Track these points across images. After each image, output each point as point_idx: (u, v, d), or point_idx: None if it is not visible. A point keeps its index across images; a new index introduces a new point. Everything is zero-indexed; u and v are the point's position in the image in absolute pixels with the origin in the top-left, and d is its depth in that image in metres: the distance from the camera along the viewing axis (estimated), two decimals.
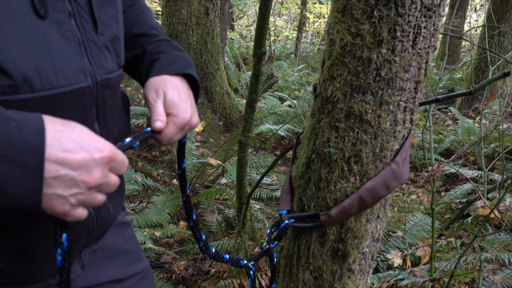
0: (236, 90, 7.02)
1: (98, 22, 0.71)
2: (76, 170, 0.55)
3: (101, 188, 0.59)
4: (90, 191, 0.57)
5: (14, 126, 0.52)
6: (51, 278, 0.77)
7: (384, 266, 2.46)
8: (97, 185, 0.57)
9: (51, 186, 0.54)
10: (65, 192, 0.55)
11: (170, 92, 0.79)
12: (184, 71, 0.84)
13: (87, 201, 0.58)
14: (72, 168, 0.55)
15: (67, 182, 0.55)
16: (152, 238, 2.51)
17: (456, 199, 3.36)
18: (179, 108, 0.78)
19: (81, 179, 0.56)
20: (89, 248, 0.85)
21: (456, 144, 4.53)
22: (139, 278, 0.99)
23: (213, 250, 0.92)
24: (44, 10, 0.61)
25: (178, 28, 4.68)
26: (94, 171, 0.57)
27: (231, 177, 3.50)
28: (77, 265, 0.82)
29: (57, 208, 0.56)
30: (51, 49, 0.62)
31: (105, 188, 0.60)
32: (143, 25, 0.93)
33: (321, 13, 14.53)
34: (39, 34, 0.60)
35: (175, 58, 0.87)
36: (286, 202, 0.99)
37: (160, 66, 0.84)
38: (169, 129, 0.77)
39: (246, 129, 2.06)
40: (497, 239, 2.41)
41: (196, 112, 0.83)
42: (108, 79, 0.73)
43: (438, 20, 0.79)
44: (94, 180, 0.56)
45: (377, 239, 0.97)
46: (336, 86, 0.84)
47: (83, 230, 0.76)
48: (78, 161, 0.55)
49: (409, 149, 0.89)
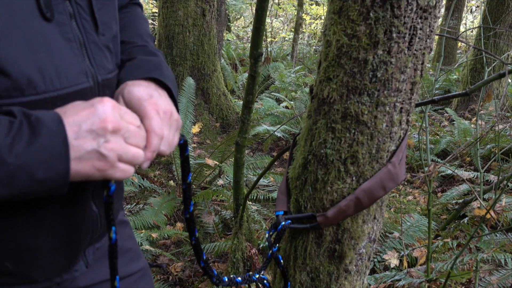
0: (232, 91, 7.02)
1: (99, 23, 0.71)
2: (88, 122, 0.58)
3: (125, 135, 0.61)
4: (115, 137, 0.59)
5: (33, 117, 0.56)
6: (57, 277, 0.78)
7: (381, 267, 2.46)
8: (114, 127, 0.59)
9: (78, 147, 0.57)
10: (93, 145, 0.58)
11: (126, 92, 0.71)
12: (147, 75, 0.76)
13: (120, 150, 0.60)
14: (84, 121, 0.58)
15: (88, 136, 0.58)
16: (149, 239, 2.51)
17: (452, 200, 3.37)
18: (139, 97, 0.70)
19: (97, 126, 0.58)
20: (92, 246, 0.86)
21: (452, 145, 4.55)
22: (138, 276, 1.01)
23: (226, 280, 0.96)
24: (50, 13, 0.62)
25: (174, 29, 4.68)
26: (105, 116, 0.59)
27: (228, 178, 3.50)
28: (82, 263, 0.83)
29: (97, 165, 0.59)
30: (53, 51, 0.62)
31: (128, 135, 0.61)
32: (127, 33, 0.88)
33: (318, 14, 14.54)
34: (41, 36, 0.61)
35: (140, 63, 0.80)
36: (283, 203, 0.99)
37: (123, 75, 0.77)
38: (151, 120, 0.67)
39: (243, 130, 2.06)
40: (493, 239, 2.42)
41: (165, 102, 0.73)
42: (108, 79, 0.74)
43: (434, 21, 0.80)
44: (108, 122, 0.59)
45: (373, 240, 0.97)
46: (332, 87, 0.84)
47: (88, 229, 0.78)
48: (86, 115, 0.59)
49: (405, 150, 0.89)
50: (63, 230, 0.73)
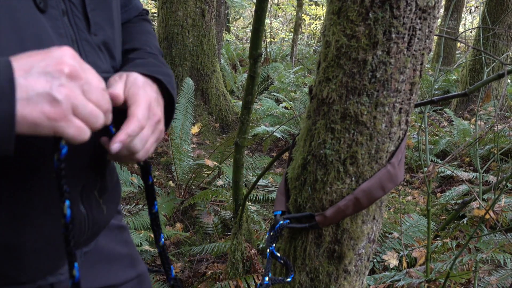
0: (232, 92, 7.02)
1: (91, 22, 0.71)
2: (43, 63, 0.52)
3: (83, 87, 0.55)
4: (72, 84, 0.53)
5: None
6: (40, 279, 0.74)
7: (380, 267, 2.46)
8: (71, 70, 0.53)
9: (27, 87, 0.50)
10: (46, 87, 0.51)
11: (132, 77, 0.72)
12: (156, 75, 0.77)
13: (76, 100, 0.54)
14: (38, 63, 0.52)
15: (41, 77, 0.51)
16: (148, 240, 2.51)
17: (451, 200, 3.37)
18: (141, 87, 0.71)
19: (52, 68, 0.52)
20: (80, 250, 0.83)
21: (451, 145, 4.55)
22: (135, 283, 0.98)
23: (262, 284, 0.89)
24: (44, 3, 0.61)
25: (174, 30, 4.68)
26: (62, 57, 0.53)
27: (227, 178, 3.50)
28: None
29: (48, 111, 0.51)
30: (43, 43, 0.61)
31: (87, 88, 0.55)
32: (136, 42, 0.89)
33: (317, 15, 14.55)
34: (32, 27, 0.60)
35: (151, 64, 0.81)
36: (281, 203, 0.99)
37: (133, 65, 0.78)
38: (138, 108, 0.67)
39: (242, 131, 2.06)
40: (492, 240, 2.42)
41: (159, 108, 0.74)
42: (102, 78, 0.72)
43: (433, 22, 0.80)
44: (65, 64, 0.53)
45: (373, 240, 0.97)
46: (331, 87, 0.84)
47: (75, 230, 0.74)
48: (40, 55, 0.53)
49: (404, 150, 0.89)
50: (48, 230, 0.70)
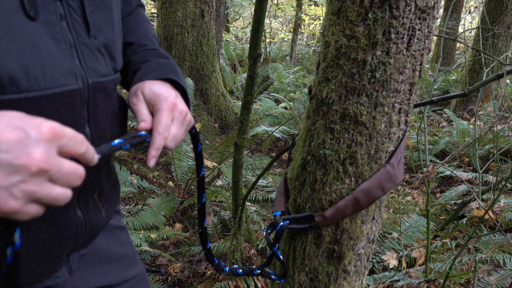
0: (231, 92, 7.02)
1: (91, 25, 0.70)
2: (11, 152, 0.47)
3: (52, 176, 0.50)
4: (37, 179, 0.49)
5: None
6: (37, 283, 0.74)
7: (380, 268, 2.46)
8: (40, 168, 0.48)
9: None
10: (5, 182, 0.47)
11: (147, 89, 0.78)
12: (165, 76, 0.82)
13: (38, 194, 0.49)
14: (6, 151, 0.46)
15: (3, 169, 0.46)
16: (148, 240, 2.50)
17: (451, 201, 3.37)
18: (159, 94, 0.77)
19: (19, 162, 0.47)
20: (77, 253, 0.82)
21: (451, 145, 4.56)
22: (133, 283, 0.98)
23: (227, 270, 1.00)
24: (34, 11, 0.60)
25: (173, 30, 4.68)
26: (34, 151, 0.48)
27: (226, 179, 3.50)
28: (65, 269, 0.80)
29: (1, 205, 0.47)
30: (40, 50, 0.60)
31: (58, 175, 0.51)
32: (135, 35, 0.92)
33: (317, 15, 14.56)
34: (27, 34, 0.59)
35: (157, 65, 0.85)
36: (281, 203, 0.99)
37: (141, 75, 0.82)
38: (160, 118, 0.74)
39: (242, 131, 2.06)
40: (491, 240, 2.42)
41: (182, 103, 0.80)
42: (101, 82, 0.72)
43: (432, 22, 0.80)
44: (35, 161, 0.48)
45: (372, 241, 0.97)
46: (331, 88, 0.84)
47: (71, 234, 0.74)
48: (12, 141, 0.47)
49: (403, 150, 0.89)
50: (44, 233, 0.69)
